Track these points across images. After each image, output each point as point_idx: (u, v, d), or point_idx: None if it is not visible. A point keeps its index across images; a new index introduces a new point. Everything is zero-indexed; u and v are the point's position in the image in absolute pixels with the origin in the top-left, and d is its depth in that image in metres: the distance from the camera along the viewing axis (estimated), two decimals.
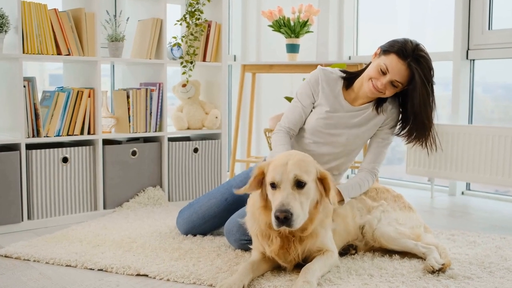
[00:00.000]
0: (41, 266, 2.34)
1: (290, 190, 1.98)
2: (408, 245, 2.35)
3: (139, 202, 3.41)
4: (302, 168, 2.02)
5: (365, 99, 2.54)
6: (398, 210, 2.49)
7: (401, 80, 2.39)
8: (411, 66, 2.35)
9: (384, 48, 2.43)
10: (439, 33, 4.42)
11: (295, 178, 1.99)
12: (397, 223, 2.40)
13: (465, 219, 3.34)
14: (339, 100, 2.55)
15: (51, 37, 3.07)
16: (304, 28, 4.17)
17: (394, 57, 2.37)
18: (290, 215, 1.92)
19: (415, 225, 2.46)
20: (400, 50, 2.36)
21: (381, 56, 2.42)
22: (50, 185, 3.09)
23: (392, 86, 2.42)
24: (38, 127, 3.03)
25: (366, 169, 2.55)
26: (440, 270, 2.16)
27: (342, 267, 2.23)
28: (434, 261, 2.20)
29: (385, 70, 2.39)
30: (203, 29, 3.64)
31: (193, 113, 3.75)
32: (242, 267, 2.09)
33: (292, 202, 1.95)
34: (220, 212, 2.72)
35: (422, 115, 2.41)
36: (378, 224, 2.40)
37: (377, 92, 2.44)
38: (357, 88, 2.54)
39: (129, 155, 3.41)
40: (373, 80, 2.43)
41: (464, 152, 3.76)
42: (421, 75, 2.34)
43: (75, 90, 3.18)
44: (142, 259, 2.37)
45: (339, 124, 2.55)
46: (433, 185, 4.02)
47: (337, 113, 2.54)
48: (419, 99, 2.37)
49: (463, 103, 4.02)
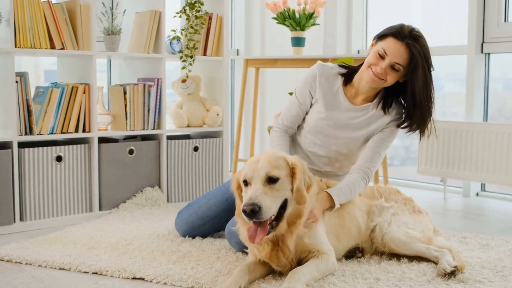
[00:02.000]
0: (33, 269, 2.36)
1: (261, 186, 2.03)
2: (420, 249, 2.37)
3: (137, 203, 3.43)
4: (273, 163, 2.07)
5: (366, 93, 2.54)
6: (407, 213, 2.51)
7: (401, 62, 2.39)
8: (409, 45, 2.36)
9: (379, 34, 2.46)
10: (454, 26, 4.42)
11: (266, 174, 2.05)
12: (407, 227, 2.42)
13: (479, 221, 3.34)
14: (339, 97, 2.56)
15: (45, 30, 3.09)
16: (310, 20, 4.17)
17: (391, 39, 2.39)
18: (257, 208, 1.97)
19: (425, 229, 2.47)
20: (396, 31, 2.39)
21: (378, 42, 2.45)
22: (43, 185, 3.12)
23: (393, 70, 2.41)
24: (31, 124, 3.06)
25: (360, 170, 2.48)
26: (452, 273, 2.17)
27: (348, 271, 2.25)
28: (446, 264, 2.22)
29: (383, 54, 2.40)
30: (203, 21, 3.66)
31: (193, 110, 3.76)
32: (238, 269, 2.12)
33: (260, 196, 2.00)
34: (220, 213, 2.74)
35: (423, 97, 2.42)
36: (388, 227, 2.41)
37: (378, 79, 2.43)
38: (357, 82, 2.54)
39: (126, 154, 3.43)
40: (373, 66, 2.44)
41: (479, 151, 3.76)
42: (420, 53, 2.36)
43: (70, 86, 3.20)
44: (139, 262, 2.39)
45: (338, 125, 2.56)
46: (446, 186, 4.02)
47: (335, 112, 2.55)
48: (421, 80, 2.38)
49: (478, 99, 4.02)
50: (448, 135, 3.91)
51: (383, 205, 2.51)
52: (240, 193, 2.17)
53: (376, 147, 2.53)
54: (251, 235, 2.05)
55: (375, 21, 4.80)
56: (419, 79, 2.38)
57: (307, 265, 2.12)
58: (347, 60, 3.47)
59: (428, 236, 2.43)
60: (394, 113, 2.54)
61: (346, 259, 2.41)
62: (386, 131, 2.55)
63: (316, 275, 2.11)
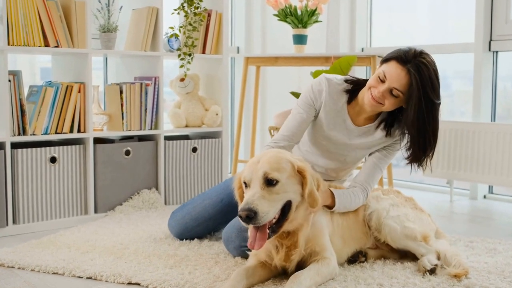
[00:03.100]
0: (26, 273, 2.36)
1: (259, 189, 2.02)
2: (412, 245, 2.41)
3: (133, 206, 3.43)
4: (273, 165, 2.05)
5: (369, 112, 2.49)
6: (409, 208, 2.53)
7: (400, 88, 2.31)
8: (410, 72, 2.28)
9: (385, 57, 2.39)
10: (461, 23, 4.42)
11: (264, 176, 2.03)
12: (406, 218, 2.43)
13: (486, 225, 3.34)
14: (341, 116, 2.52)
15: (38, 27, 3.09)
16: (312, 17, 4.17)
17: (394, 63, 2.33)
18: (253, 214, 1.96)
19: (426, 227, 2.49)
20: (400, 55, 2.32)
21: (383, 64, 2.39)
22: (37, 187, 3.12)
23: (392, 96, 2.34)
24: (24, 124, 3.06)
25: (360, 186, 2.48)
26: (432, 271, 2.25)
27: (350, 276, 2.25)
28: (427, 261, 2.29)
29: (383, 77, 2.34)
30: (202, 18, 3.66)
31: (191, 110, 3.76)
32: (236, 272, 2.12)
33: (257, 200, 1.99)
34: (215, 214, 2.75)
35: (414, 130, 2.33)
36: (386, 216, 2.43)
37: (376, 103, 2.37)
38: (361, 99, 2.48)
39: (123, 155, 3.43)
40: (372, 89, 2.39)
41: (486, 152, 3.75)
42: (418, 83, 2.26)
43: (64, 85, 3.20)
44: (135, 266, 2.39)
45: (338, 143, 2.55)
46: (452, 188, 4.01)
47: (335, 132, 2.53)
48: (413, 111, 2.29)
49: (485, 98, 4.01)
50: (454, 136, 3.90)
51: (380, 196, 2.54)
52: (242, 193, 2.15)
53: (376, 164, 2.53)
54: (251, 242, 2.05)
55: (380, 17, 4.79)
56: (411, 109, 2.29)
57: (308, 269, 2.12)
58: (351, 58, 3.47)
59: (426, 234, 2.45)
60: (396, 134, 2.50)
61: (349, 264, 2.41)
62: (389, 149, 2.54)
63: (317, 279, 2.11)
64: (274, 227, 2.08)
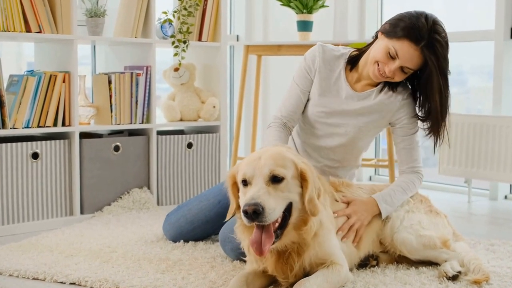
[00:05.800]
0: (3, 279, 2.34)
1: (263, 185, 1.98)
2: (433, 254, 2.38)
3: (123, 206, 3.42)
4: (278, 161, 2.02)
5: (369, 80, 2.55)
6: (423, 212, 2.50)
7: (412, 67, 2.41)
8: (424, 53, 2.37)
9: (393, 32, 2.40)
10: (481, 8, 4.39)
11: (270, 173, 1.99)
12: (420, 226, 2.41)
13: (507, 226, 3.32)
14: (339, 83, 2.56)
15: (19, 11, 3.07)
16: (318, 2, 4.17)
17: (406, 42, 2.36)
18: (260, 208, 1.91)
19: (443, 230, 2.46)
20: (414, 34, 2.36)
21: (393, 39, 2.39)
22: (17, 186, 3.10)
23: (402, 72, 2.44)
24: (3, 117, 3.04)
25: (407, 171, 2.58)
26: (454, 278, 2.22)
27: (360, 282, 2.22)
28: (449, 267, 2.27)
29: (395, 55, 2.39)
30: (198, 2, 3.65)
31: (187, 102, 3.75)
32: (234, 280, 2.10)
33: (264, 195, 1.94)
34: (212, 217, 2.74)
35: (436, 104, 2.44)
36: (400, 226, 2.40)
37: (383, 78, 2.46)
38: (362, 66, 2.54)
39: (111, 151, 3.42)
40: (380, 64, 2.43)
41: (507, 149, 3.73)
42: (435, 65, 2.38)
43: (47, 74, 3.19)
44: (123, 271, 2.37)
45: (335, 112, 2.56)
46: (471, 187, 4.00)
47: (331, 98, 2.56)
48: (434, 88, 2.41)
49: (507, 90, 3.99)
50: (473, 131, 3.88)
51: None
52: (236, 192, 2.12)
53: (405, 141, 2.57)
54: (257, 246, 1.97)
55: (392, 2, 4.76)
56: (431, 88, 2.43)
57: (316, 276, 2.08)
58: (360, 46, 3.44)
59: (445, 238, 2.42)
60: (402, 91, 2.54)
61: (359, 268, 2.39)
62: (405, 122, 2.55)
63: (325, 287, 2.06)
64: (278, 233, 2.03)
